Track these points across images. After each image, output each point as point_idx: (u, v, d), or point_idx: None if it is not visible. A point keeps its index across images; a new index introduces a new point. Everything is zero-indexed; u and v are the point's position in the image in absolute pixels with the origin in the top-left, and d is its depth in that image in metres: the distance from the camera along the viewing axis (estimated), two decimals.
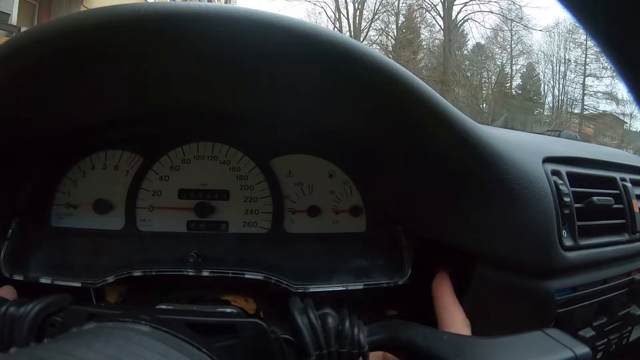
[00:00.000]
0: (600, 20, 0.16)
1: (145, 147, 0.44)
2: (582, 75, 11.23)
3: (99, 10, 0.24)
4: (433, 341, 0.26)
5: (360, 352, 0.27)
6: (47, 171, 0.43)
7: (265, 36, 0.25)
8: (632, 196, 0.48)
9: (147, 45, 0.26)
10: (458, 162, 0.33)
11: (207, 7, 0.24)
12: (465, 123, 0.30)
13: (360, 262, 0.43)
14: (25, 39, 0.26)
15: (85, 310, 0.28)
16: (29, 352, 0.19)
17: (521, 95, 12.09)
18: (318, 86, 0.30)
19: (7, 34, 4.16)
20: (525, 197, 0.33)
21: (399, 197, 0.44)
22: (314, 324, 0.27)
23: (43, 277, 0.38)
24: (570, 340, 0.26)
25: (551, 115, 11.58)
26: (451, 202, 0.37)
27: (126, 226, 0.43)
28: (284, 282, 0.39)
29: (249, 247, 0.44)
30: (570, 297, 0.38)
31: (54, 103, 0.33)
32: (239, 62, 0.28)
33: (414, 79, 0.28)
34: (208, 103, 0.39)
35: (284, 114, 0.40)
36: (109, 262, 0.40)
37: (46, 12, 5.56)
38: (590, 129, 10.56)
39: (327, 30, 0.26)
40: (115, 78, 0.31)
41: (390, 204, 0.45)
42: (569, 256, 0.37)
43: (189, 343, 0.22)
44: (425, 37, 12.56)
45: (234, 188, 0.45)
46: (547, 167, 0.38)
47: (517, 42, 11.92)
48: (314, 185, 0.46)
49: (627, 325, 0.48)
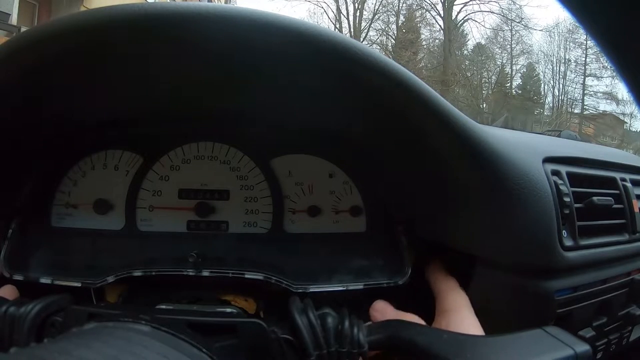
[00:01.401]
0: (600, 20, 0.16)
1: (145, 147, 0.44)
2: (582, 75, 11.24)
3: (99, 10, 0.24)
4: (433, 340, 0.26)
5: (360, 352, 0.27)
6: (47, 171, 0.43)
7: (265, 36, 0.25)
8: (632, 196, 0.48)
9: (147, 45, 0.26)
10: (458, 162, 0.33)
11: (207, 7, 0.24)
12: (465, 123, 0.30)
13: (360, 262, 0.43)
14: (26, 39, 0.26)
15: (86, 310, 0.28)
16: (29, 352, 0.19)
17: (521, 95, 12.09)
18: (318, 86, 0.30)
19: (7, 34, 4.16)
20: (525, 197, 0.33)
21: (399, 197, 0.44)
22: (313, 324, 0.27)
23: (43, 277, 0.38)
24: (570, 338, 0.26)
25: (551, 115, 11.58)
26: (451, 202, 0.37)
27: (126, 226, 0.43)
28: (284, 282, 0.39)
29: (249, 247, 0.44)
30: (570, 297, 0.38)
31: (54, 103, 0.33)
32: (239, 62, 0.28)
33: (414, 79, 0.28)
34: (208, 103, 0.39)
35: (284, 114, 0.40)
36: (109, 262, 0.40)
37: (46, 12, 5.56)
38: (590, 129, 10.56)
39: (327, 31, 0.26)
40: (116, 78, 0.31)
41: (390, 204, 0.45)
42: (569, 256, 0.37)
43: (189, 343, 0.22)
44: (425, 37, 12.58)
45: (234, 188, 0.45)
46: (547, 167, 0.38)
47: (517, 42, 11.93)
48: (314, 185, 0.46)
49: (627, 325, 0.48)
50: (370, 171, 0.45)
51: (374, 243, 0.45)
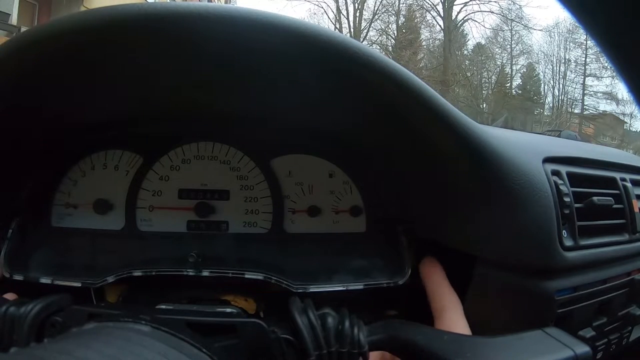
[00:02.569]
0: (600, 20, 0.16)
1: (145, 147, 0.44)
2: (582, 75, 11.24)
3: (99, 11, 0.24)
4: (433, 341, 0.26)
5: (360, 352, 0.27)
6: (47, 171, 0.43)
7: (266, 36, 0.25)
8: (632, 196, 0.48)
9: (148, 45, 0.26)
10: (458, 162, 0.33)
11: (207, 7, 0.24)
12: (465, 123, 0.30)
13: (360, 262, 0.43)
14: (26, 39, 0.26)
15: (86, 310, 0.28)
16: (29, 352, 0.19)
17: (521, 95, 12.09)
18: (318, 86, 0.30)
19: (7, 34, 4.17)
20: (525, 197, 0.33)
21: (399, 197, 0.44)
22: (313, 324, 0.27)
23: (43, 277, 0.38)
24: (570, 339, 0.26)
25: (551, 115, 11.58)
26: (451, 202, 0.37)
27: (126, 226, 0.43)
28: (284, 282, 0.39)
29: (249, 247, 0.44)
30: (571, 297, 0.38)
31: (54, 103, 0.33)
32: (239, 62, 0.28)
33: (414, 79, 0.28)
34: (208, 103, 0.39)
35: (284, 114, 0.40)
36: (109, 262, 0.40)
37: (46, 12, 5.56)
38: (590, 129, 10.56)
39: (327, 30, 0.26)
40: (115, 78, 0.31)
41: (390, 204, 0.45)
42: (569, 256, 0.37)
43: (189, 343, 0.22)
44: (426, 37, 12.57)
45: (234, 188, 0.45)
46: (547, 167, 0.38)
47: (517, 42, 11.93)
48: (314, 185, 0.46)
49: (627, 325, 0.48)
50: (370, 171, 0.45)
51: (374, 243, 0.45)
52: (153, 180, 0.44)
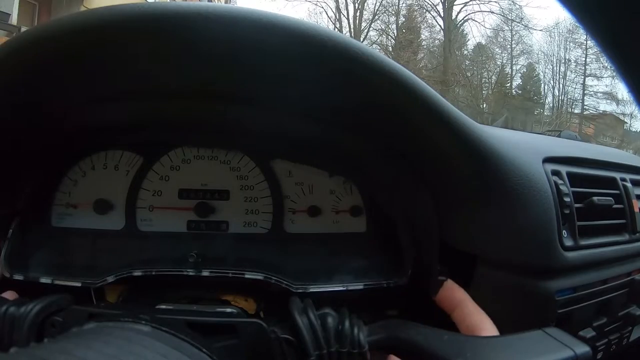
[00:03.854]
0: (600, 20, 0.16)
1: (145, 147, 0.44)
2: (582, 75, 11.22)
3: (99, 10, 0.24)
4: (433, 341, 0.26)
5: (360, 352, 0.27)
6: (47, 171, 0.43)
7: (266, 36, 0.25)
8: (632, 196, 0.48)
9: (147, 45, 0.26)
10: (458, 162, 0.33)
11: (208, 7, 0.24)
12: (465, 123, 0.30)
13: (360, 262, 0.43)
14: (25, 39, 0.26)
15: (86, 310, 0.28)
16: (29, 352, 0.19)
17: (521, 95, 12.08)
18: (318, 86, 0.30)
19: (7, 34, 4.16)
20: (525, 197, 0.33)
21: (399, 197, 0.44)
22: (313, 324, 0.27)
23: (43, 277, 0.38)
24: (570, 339, 0.26)
25: (551, 115, 11.57)
26: (451, 202, 0.37)
27: (126, 226, 0.43)
28: (284, 282, 0.39)
29: (249, 247, 0.44)
30: (571, 298, 0.38)
31: (54, 103, 0.33)
32: (240, 62, 0.28)
33: (414, 79, 0.28)
34: (208, 103, 0.39)
35: (284, 114, 0.40)
36: (109, 262, 0.40)
37: (46, 12, 5.55)
38: (590, 129, 10.55)
39: (327, 31, 0.26)
40: (115, 78, 0.31)
41: (390, 204, 0.45)
42: (569, 256, 0.37)
43: (189, 343, 0.22)
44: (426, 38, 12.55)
45: (234, 188, 0.45)
46: (547, 167, 0.38)
47: (517, 42, 11.91)
48: (314, 185, 0.46)
49: (627, 326, 0.48)
50: (370, 171, 0.45)
51: (374, 243, 0.45)
52: (153, 180, 0.44)
